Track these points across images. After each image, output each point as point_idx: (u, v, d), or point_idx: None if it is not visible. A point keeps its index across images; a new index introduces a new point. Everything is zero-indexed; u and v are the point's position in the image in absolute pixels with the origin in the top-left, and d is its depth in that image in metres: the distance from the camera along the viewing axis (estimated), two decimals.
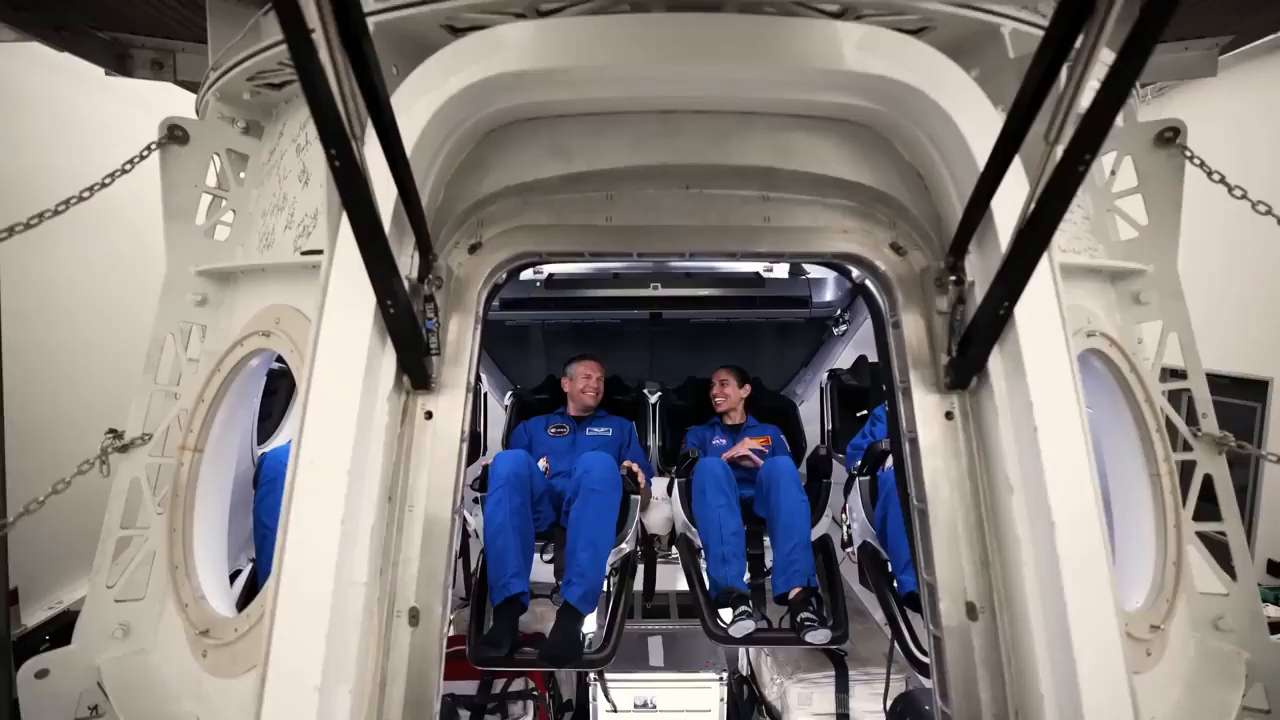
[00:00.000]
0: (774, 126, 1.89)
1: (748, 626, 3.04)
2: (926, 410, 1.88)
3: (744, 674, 4.12)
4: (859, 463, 3.47)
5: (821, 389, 4.27)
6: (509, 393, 4.49)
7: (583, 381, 4.05)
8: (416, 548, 1.82)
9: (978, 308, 1.71)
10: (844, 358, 4.65)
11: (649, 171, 1.90)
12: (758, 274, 4.26)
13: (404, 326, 1.67)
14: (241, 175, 2.51)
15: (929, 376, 1.89)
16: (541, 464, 3.89)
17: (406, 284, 1.75)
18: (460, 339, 1.91)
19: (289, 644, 1.55)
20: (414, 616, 1.79)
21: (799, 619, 3.02)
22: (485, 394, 4.17)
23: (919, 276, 1.94)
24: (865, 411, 4.15)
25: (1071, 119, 1.22)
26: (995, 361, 1.73)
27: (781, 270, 4.32)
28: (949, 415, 1.87)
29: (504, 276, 2.20)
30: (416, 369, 1.78)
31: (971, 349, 1.73)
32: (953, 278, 1.78)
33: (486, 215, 1.96)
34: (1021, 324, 1.66)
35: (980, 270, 1.76)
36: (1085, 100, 1.16)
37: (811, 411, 4.55)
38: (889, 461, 3.40)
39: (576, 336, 4.54)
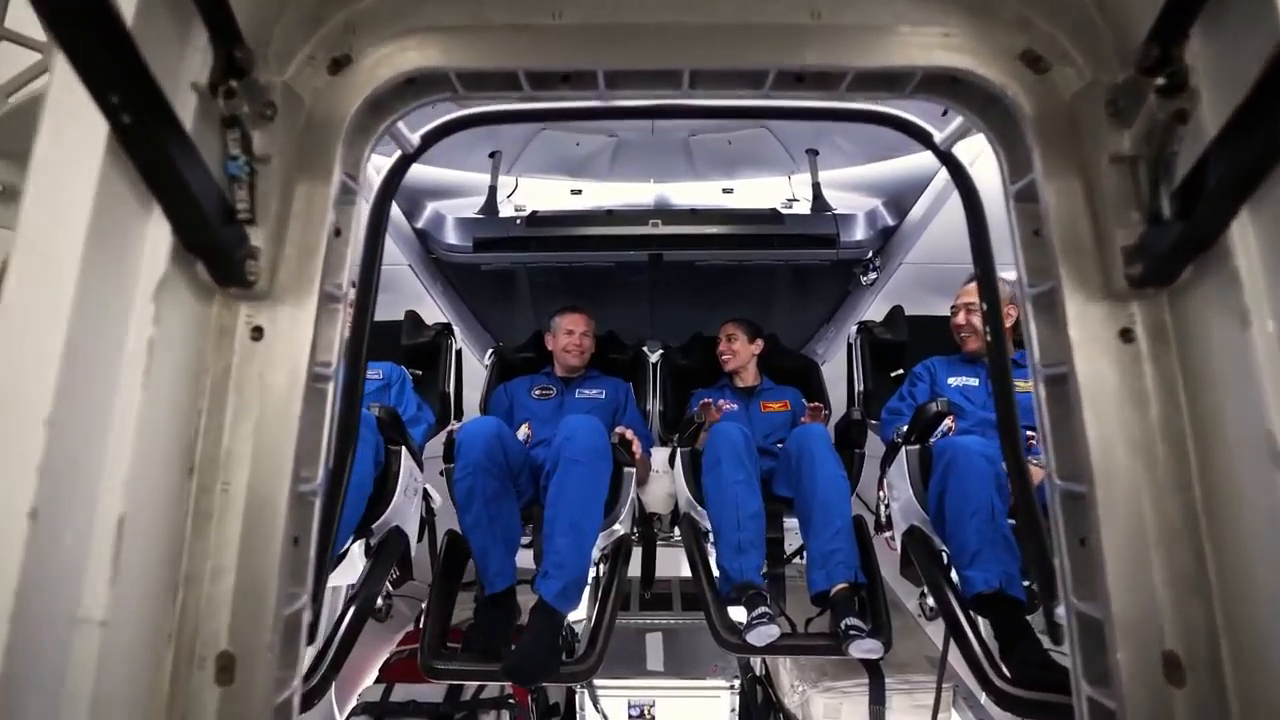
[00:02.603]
0: None
1: (769, 634, 2.25)
2: (1087, 327, 1.04)
3: (758, 674, 3.34)
4: (903, 429, 2.65)
5: (850, 345, 3.42)
6: (489, 351, 3.69)
7: (565, 338, 3.25)
8: (233, 552, 1.02)
9: (1217, 133, 0.87)
10: (873, 311, 3.79)
11: None
12: (775, 210, 3.41)
13: (174, 167, 0.87)
14: None
15: (1089, 272, 1.06)
16: (523, 431, 3.10)
17: (194, 99, 0.94)
18: (313, 214, 1.10)
19: None
20: (226, 667, 1.01)
21: (843, 625, 2.23)
22: (459, 350, 3.37)
23: (1069, 107, 1.09)
24: (901, 371, 3.31)
25: None
26: (1242, 229, 0.90)
27: (804, 205, 3.47)
28: (1127, 335, 1.04)
29: (417, 143, 1.38)
30: (214, 249, 0.97)
31: (1202, 207, 0.90)
32: (1160, 82, 0.93)
33: (358, 13, 1.13)
34: None
35: (1217, 66, 0.91)
36: None
37: (835, 373, 3.71)
38: (943, 426, 2.58)
39: (566, 286, 3.72)
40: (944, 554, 2.42)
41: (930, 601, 3.68)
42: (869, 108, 1.38)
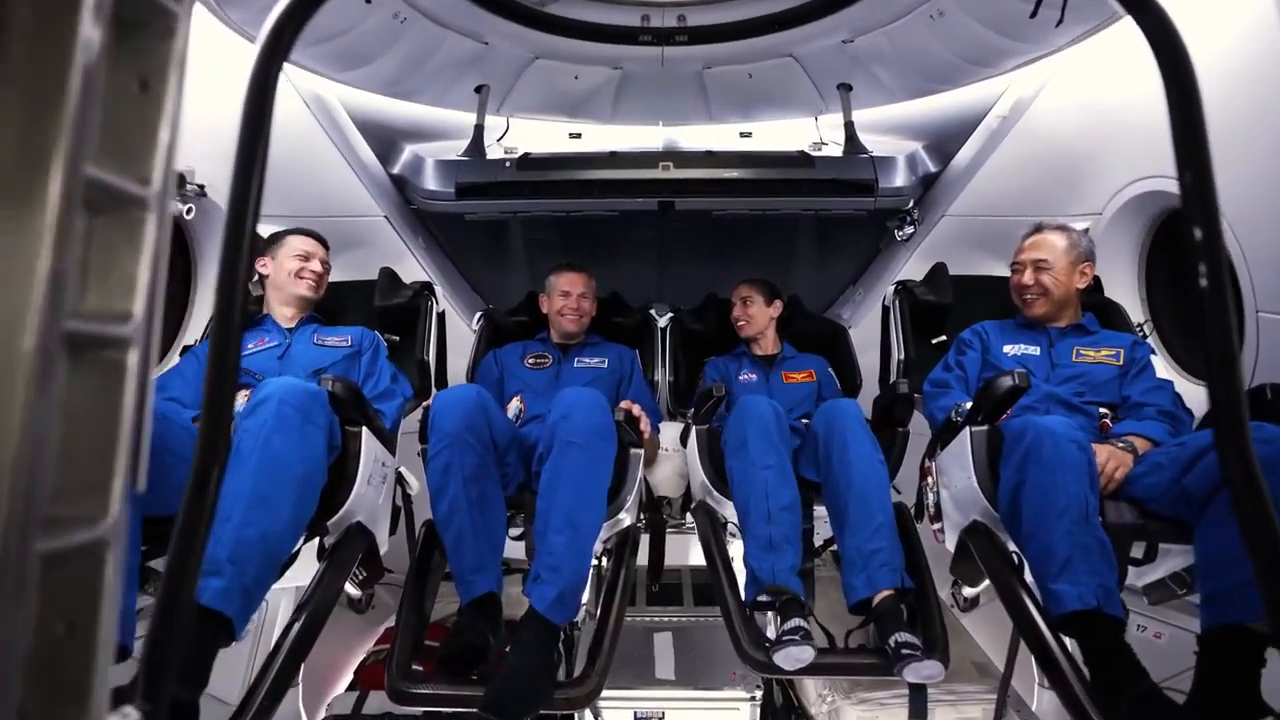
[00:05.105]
0: None
1: (802, 656, 1.78)
2: None
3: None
4: (963, 405, 2.13)
5: (885, 308, 2.89)
6: (478, 314, 3.17)
7: (561, 300, 2.72)
8: None
9: None
10: (907, 270, 3.26)
11: None
12: (804, 152, 2.85)
13: None
14: None
15: None
16: (514, 406, 2.60)
17: None
18: (58, 30, 0.56)
19: None
20: None
21: (894, 642, 1.77)
22: (442, 313, 2.85)
23: None
24: (944, 338, 2.79)
25: None
26: None
27: (835, 148, 2.91)
28: None
29: None
30: None
31: None
32: None
33: None
34: None
35: None
36: None
37: (864, 339, 3.20)
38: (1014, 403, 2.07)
39: (564, 240, 3.19)
40: (1014, 555, 1.94)
41: (965, 592, 3.22)
42: None
